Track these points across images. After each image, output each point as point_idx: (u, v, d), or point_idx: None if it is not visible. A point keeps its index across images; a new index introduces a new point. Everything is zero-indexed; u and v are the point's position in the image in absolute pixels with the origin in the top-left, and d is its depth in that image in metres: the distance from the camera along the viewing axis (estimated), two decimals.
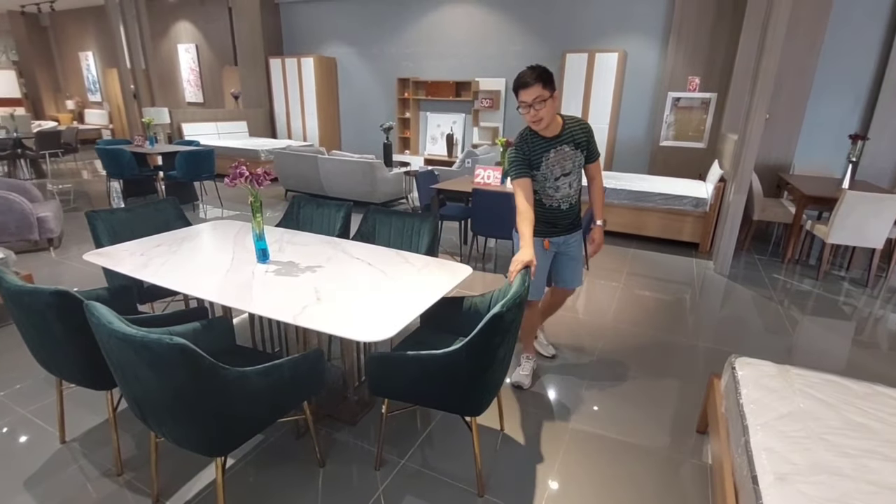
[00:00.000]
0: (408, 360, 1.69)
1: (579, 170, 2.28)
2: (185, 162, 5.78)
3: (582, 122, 2.25)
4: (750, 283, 4.04)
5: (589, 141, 2.24)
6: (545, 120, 2.08)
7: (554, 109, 2.10)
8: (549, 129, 2.16)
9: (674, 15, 5.97)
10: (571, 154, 2.21)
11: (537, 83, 2.00)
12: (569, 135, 2.19)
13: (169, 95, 10.94)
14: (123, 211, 2.81)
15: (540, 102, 2.03)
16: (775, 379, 1.82)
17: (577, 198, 2.36)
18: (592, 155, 2.29)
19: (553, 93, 2.05)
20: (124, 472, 1.93)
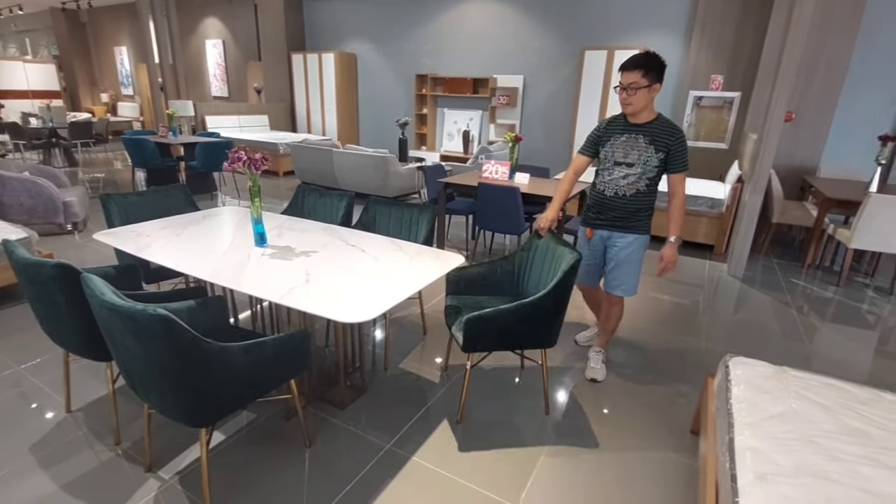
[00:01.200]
0: (503, 312, 1.95)
1: (644, 167, 2.19)
2: (204, 152, 5.93)
3: (675, 128, 2.16)
4: (766, 287, 3.91)
5: (672, 147, 2.14)
6: (634, 105, 2.12)
7: (648, 100, 2.11)
8: (638, 117, 2.18)
9: (697, 11, 5.82)
10: (643, 147, 2.17)
11: (637, 70, 2.05)
12: (652, 130, 2.16)
13: (195, 89, 11.24)
14: (136, 195, 2.91)
15: (634, 88, 2.07)
16: (770, 380, 1.76)
17: (632, 194, 2.25)
18: (675, 164, 2.17)
19: (652, 84, 2.07)
20: (122, 442, 1.99)
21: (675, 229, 2.25)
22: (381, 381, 2.50)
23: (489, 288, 2.43)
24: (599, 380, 2.52)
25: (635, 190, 2.24)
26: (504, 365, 2.69)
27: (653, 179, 2.22)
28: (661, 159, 2.16)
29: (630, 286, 2.40)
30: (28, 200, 4.37)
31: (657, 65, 2.06)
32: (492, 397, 2.41)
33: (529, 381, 2.56)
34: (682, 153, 2.15)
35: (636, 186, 2.23)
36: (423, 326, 3.03)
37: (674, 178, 2.20)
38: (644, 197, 2.26)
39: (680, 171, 2.18)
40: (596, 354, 2.59)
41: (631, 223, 2.31)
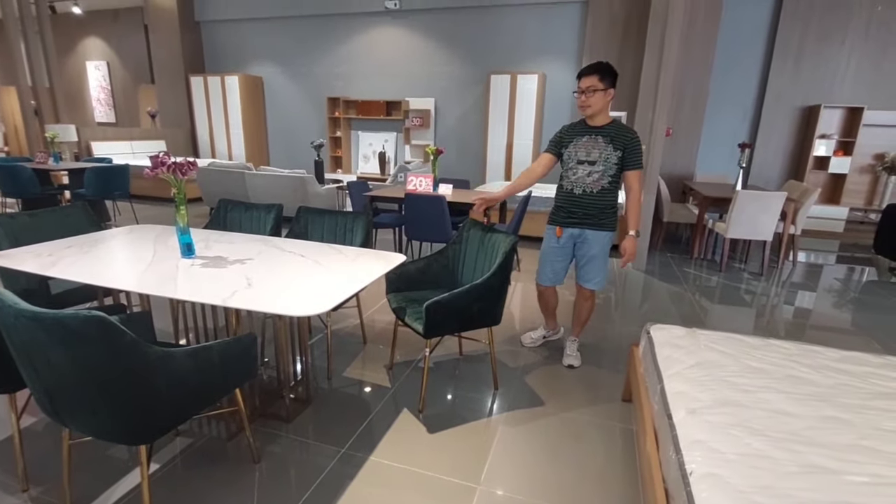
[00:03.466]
0: (461, 294, 2.08)
1: (606, 164, 2.37)
2: (95, 178, 5.39)
3: (631, 131, 2.37)
4: (665, 278, 4.40)
5: (628, 144, 2.34)
6: (592, 107, 2.33)
7: (604, 103, 2.33)
8: (596, 119, 2.38)
9: (585, 41, 6.54)
10: (603, 146, 2.36)
11: (594, 74, 2.28)
12: (610, 131, 2.36)
13: (76, 114, 10.18)
14: (26, 216, 2.59)
15: (591, 91, 2.29)
16: (684, 339, 2.01)
17: (598, 191, 2.41)
18: (631, 161, 2.36)
19: (607, 89, 2.29)
20: (30, 489, 1.73)
21: (633, 223, 2.43)
22: (326, 391, 2.44)
23: (427, 283, 2.50)
24: (576, 366, 2.69)
25: (601, 187, 2.41)
26: (444, 356, 2.77)
27: (614, 177, 2.41)
28: (619, 157, 2.36)
29: (601, 279, 2.58)
30: None
31: (612, 72, 2.31)
32: (442, 386, 2.47)
33: (471, 366, 2.68)
34: (637, 151, 2.36)
35: (601, 183, 2.40)
36: (363, 335, 3.00)
37: (630, 174, 2.39)
38: (609, 194, 2.43)
39: (635, 168, 2.38)
40: (572, 343, 2.75)
41: (601, 220, 2.46)
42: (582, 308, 2.71)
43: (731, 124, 6.32)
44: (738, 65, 6.16)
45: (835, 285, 4.40)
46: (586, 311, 2.71)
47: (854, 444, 1.34)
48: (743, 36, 6.09)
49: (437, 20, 7.34)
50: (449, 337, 2.93)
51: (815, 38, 5.89)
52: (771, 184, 6.31)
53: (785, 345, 1.98)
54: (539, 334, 2.96)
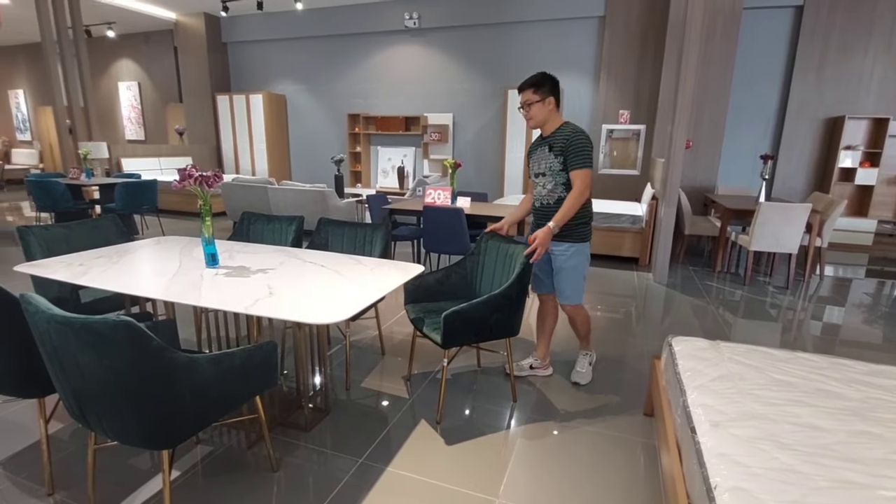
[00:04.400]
0: (479, 304, 2.09)
1: (554, 174, 2.33)
2: (125, 193, 5.58)
3: (568, 131, 2.28)
4: (687, 292, 4.32)
5: (566, 147, 2.26)
6: (534, 120, 2.33)
7: (546, 112, 2.30)
8: (545, 129, 2.36)
9: (602, 55, 6.56)
10: (547, 156, 2.35)
11: (529, 88, 2.29)
12: (552, 139, 2.33)
13: (107, 133, 10.58)
14: (59, 227, 2.69)
15: (528, 105, 2.30)
16: (707, 351, 1.97)
17: (554, 202, 2.36)
18: (571, 162, 2.26)
19: (545, 98, 2.28)
20: (55, 492, 1.77)
21: (556, 216, 2.27)
22: (344, 401, 2.44)
23: (445, 294, 2.51)
24: (582, 383, 2.58)
25: (556, 197, 2.36)
26: (462, 368, 2.76)
27: (567, 184, 2.32)
28: (562, 162, 2.29)
29: (569, 293, 2.45)
30: None
31: (547, 81, 2.28)
32: (459, 398, 2.45)
33: (489, 378, 2.66)
34: (577, 151, 2.24)
35: (556, 194, 2.35)
36: (382, 346, 3.01)
37: (571, 174, 2.28)
38: (558, 201, 2.35)
39: (576, 168, 2.25)
40: (582, 357, 2.67)
41: (563, 231, 2.35)
42: (572, 324, 2.62)
43: (753, 136, 6.23)
44: (759, 77, 6.10)
45: (864, 300, 4.26)
46: (578, 326, 2.61)
47: (886, 459, 1.29)
48: (763, 48, 6.04)
49: (454, 37, 7.46)
50: (467, 349, 2.92)
51: (836, 49, 5.81)
52: (795, 196, 6.17)
53: (813, 358, 1.92)
54: (527, 363, 2.73)
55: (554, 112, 2.33)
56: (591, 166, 2.28)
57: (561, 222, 2.28)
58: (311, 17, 8.11)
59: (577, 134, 2.27)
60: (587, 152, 2.26)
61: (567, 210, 2.27)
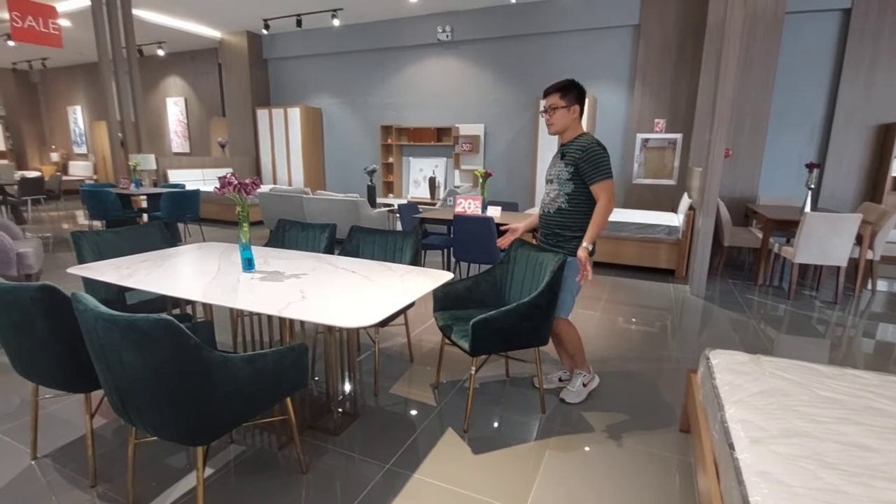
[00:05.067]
0: (506, 313, 2.08)
1: (561, 183, 2.28)
2: (170, 202, 5.85)
3: (584, 141, 2.22)
4: (726, 305, 4.16)
5: (580, 159, 2.19)
6: (555, 126, 2.29)
7: (569, 120, 2.26)
8: (563, 137, 2.33)
9: (637, 63, 6.47)
10: (558, 164, 2.32)
11: (555, 93, 2.25)
12: (567, 147, 2.29)
13: (155, 146, 11.14)
14: (110, 233, 2.85)
15: (553, 110, 2.26)
16: (747, 365, 1.89)
17: (555, 211, 2.31)
18: (586, 175, 2.19)
19: (570, 105, 2.24)
20: (98, 484, 1.86)
21: (587, 234, 2.20)
22: (372, 406, 2.46)
23: (474, 302, 2.50)
24: (568, 401, 2.45)
25: (557, 206, 2.31)
26: (491, 377, 2.73)
27: (571, 195, 2.25)
28: (571, 172, 2.23)
29: (563, 304, 2.36)
30: None
31: (574, 88, 2.25)
32: (487, 408, 2.43)
33: (518, 389, 2.62)
34: (592, 163, 2.17)
35: (557, 203, 2.31)
36: (410, 354, 3.03)
37: (592, 188, 2.21)
38: (567, 215, 2.28)
39: (597, 181, 2.18)
40: (576, 377, 2.52)
41: (558, 242, 2.32)
42: (556, 340, 2.48)
43: (797, 144, 5.97)
44: (803, 82, 5.86)
45: None
46: (564, 342, 2.46)
47: None
48: (807, 53, 5.81)
49: (486, 49, 7.52)
50: (495, 358, 2.90)
51: (887, 53, 5.53)
52: (844, 206, 5.87)
53: (863, 375, 1.81)
54: (555, 375, 2.69)
55: (576, 121, 2.29)
56: (612, 176, 2.19)
57: (592, 239, 2.21)
58: (347, 32, 8.35)
59: (591, 145, 2.20)
60: (605, 163, 2.18)
61: (597, 224, 2.20)
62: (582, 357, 2.51)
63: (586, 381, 2.53)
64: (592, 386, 2.57)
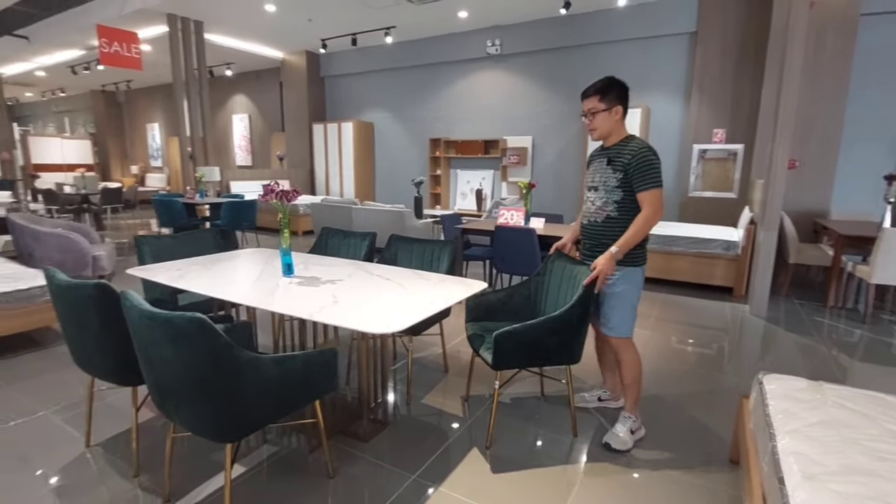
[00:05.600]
0: (532, 327, 2.01)
1: (605, 188, 2.10)
2: (229, 211, 6.19)
3: (637, 146, 2.03)
4: (792, 327, 3.83)
5: (629, 164, 2.01)
6: (598, 131, 2.12)
7: (612, 123, 2.08)
8: (609, 140, 2.14)
9: (694, 72, 6.20)
10: (603, 170, 2.12)
11: (595, 95, 2.08)
12: (616, 151, 2.08)
13: (221, 159, 11.88)
14: (168, 238, 3.05)
15: (593, 113, 2.09)
16: (806, 392, 1.71)
17: (602, 220, 2.12)
18: (635, 182, 2.01)
19: (611, 107, 2.05)
20: (140, 475, 1.95)
21: (620, 241, 2.03)
22: (403, 415, 2.45)
23: (508, 314, 2.44)
24: (614, 447, 2.14)
25: (605, 215, 2.12)
26: (525, 394, 2.65)
27: (620, 203, 2.07)
28: (620, 179, 2.04)
29: (615, 324, 2.14)
30: (58, 255, 4.54)
31: (616, 88, 2.06)
32: (517, 425, 2.35)
33: (552, 408, 2.51)
34: (642, 169, 1.99)
35: (605, 211, 2.11)
36: (445, 364, 3.00)
37: (638, 196, 2.03)
38: (616, 224, 2.09)
39: (644, 189, 2.00)
40: (623, 420, 2.22)
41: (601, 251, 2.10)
42: (620, 366, 2.21)
43: (875, 155, 5.45)
44: (882, 89, 5.36)
45: None
46: (623, 367, 2.19)
47: None
48: (886, 57, 5.32)
49: (536, 61, 7.47)
50: (531, 375, 2.81)
51: None
52: None
53: None
54: (594, 394, 2.52)
55: (620, 123, 2.11)
56: (662, 185, 2.01)
57: (626, 248, 2.02)
58: (399, 49, 8.59)
59: (644, 150, 2.01)
60: (656, 170, 2.00)
61: (634, 234, 2.01)
62: (637, 394, 2.21)
63: (635, 427, 2.22)
64: (640, 436, 2.24)
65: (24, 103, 16.88)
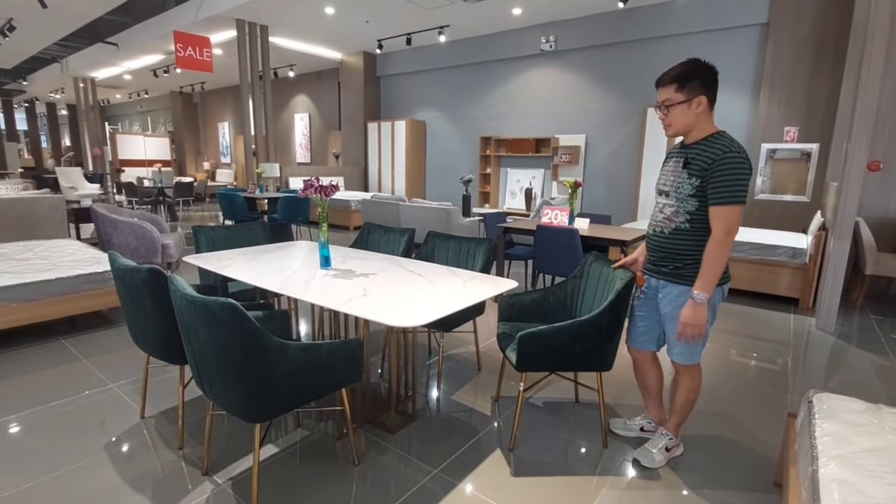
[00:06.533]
0: (557, 330, 1.95)
1: (681, 199, 1.77)
2: (285, 205, 6.50)
3: (723, 148, 1.67)
4: (865, 345, 3.48)
5: (709, 169, 1.68)
6: (673, 127, 1.79)
7: (692, 117, 1.74)
8: (689, 137, 1.80)
9: (764, 65, 5.77)
10: (675, 172, 1.80)
11: (671, 84, 1.74)
12: (696, 152, 1.74)
13: (282, 157, 12.49)
14: (223, 229, 3.24)
15: (667, 106, 1.76)
16: (862, 415, 1.56)
17: (670, 232, 1.83)
18: (712, 192, 1.68)
19: (691, 98, 1.71)
20: (184, 447, 2.10)
21: (699, 282, 1.71)
22: (432, 410, 2.48)
23: (541, 316, 2.39)
24: (645, 465, 2.01)
25: (674, 226, 1.81)
26: (558, 399, 2.59)
27: (694, 215, 1.75)
28: (696, 186, 1.71)
29: (683, 350, 1.90)
30: (133, 242, 4.96)
31: (697, 76, 1.71)
32: (546, 430, 2.30)
33: (585, 416, 2.43)
34: (722, 177, 1.65)
35: (674, 222, 1.81)
36: (478, 363, 3.00)
37: (711, 211, 1.70)
38: (688, 237, 1.78)
39: (719, 203, 1.66)
40: (659, 437, 2.07)
41: (678, 270, 1.83)
42: (676, 387, 2.03)
43: None
44: None
45: None
46: (682, 394, 1.99)
47: None
48: None
49: (591, 57, 7.26)
50: (564, 380, 2.74)
51: None
52: None
53: None
54: (636, 424, 2.27)
55: (705, 115, 1.74)
56: (744, 202, 1.66)
57: (711, 287, 1.70)
58: (452, 48, 8.63)
59: (731, 154, 1.65)
60: (741, 182, 1.64)
61: (711, 269, 1.69)
62: (683, 418, 2.04)
63: (671, 445, 2.05)
64: (676, 454, 2.09)
65: (114, 104, 18.56)
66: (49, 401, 2.47)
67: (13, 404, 2.44)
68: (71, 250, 4.17)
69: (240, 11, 7.45)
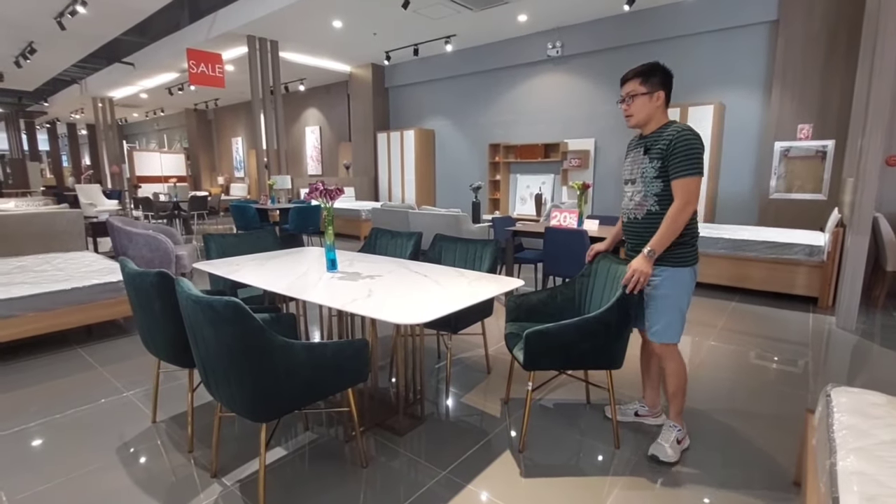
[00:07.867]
0: (565, 327, 1.94)
1: (643, 180, 1.96)
2: (296, 216, 6.57)
3: (676, 129, 1.88)
4: (889, 343, 3.37)
5: (667, 149, 1.87)
6: (635, 117, 1.98)
7: (651, 109, 1.95)
8: (647, 129, 2.00)
9: (775, 62, 5.70)
10: (640, 161, 1.98)
11: (636, 78, 1.96)
12: (652, 139, 1.95)
13: (294, 168, 12.66)
14: (233, 236, 3.29)
15: (631, 98, 1.97)
16: (882, 408, 1.50)
17: (643, 216, 1.99)
18: (672, 167, 1.86)
19: (653, 91, 1.93)
20: (194, 451, 2.11)
21: (653, 239, 1.89)
22: (441, 412, 2.45)
23: (550, 315, 2.36)
24: (661, 458, 2.00)
25: (645, 210, 1.97)
26: (569, 401, 2.54)
27: (661, 196, 1.92)
28: (659, 168, 1.90)
29: (659, 328, 1.98)
30: (148, 253, 5.05)
31: (658, 73, 1.94)
32: (557, 432, 2.26)
33: (596, 417, 2.38)
34: (680, 154, 1.83)
35: (645, 206, 1.97)
36: (487, 366, 2.97)
37: (672, 184, 1.88)
38: (658, 219, 1.92)
39: (678, 176, 1.84)
40: (668, 430, 2.08)
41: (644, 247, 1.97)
42: (663, 376, 2.08)
43: None
44: None
45: None
46: (671, 381, 2.04)
47: None
48: None
49: (598, 61, 7.25)
50: (575, 381, 2.70)
51: None
52: None
53: None
54: (630, 409, 2.36)
55: (661, 109, 1.96)
56: (701, 174, 1.84)
57: (661, 246, 1.88)
58: (460, 57, 8.70)
59: (684, 132, 1.85)
60: (695, 156, 1.83)
61: (666, 231, 1.86)
62: (681, 404, 2.07)
63: (681, 437, 2.08)
64: (685, 445, 2.10)
65: (132, 123, 19.06)
66: (65, 409, 2.50)
67: (31, 412, 2.48)
68: (87, 261, 4.26)
69: (250, 28, 7.62)
